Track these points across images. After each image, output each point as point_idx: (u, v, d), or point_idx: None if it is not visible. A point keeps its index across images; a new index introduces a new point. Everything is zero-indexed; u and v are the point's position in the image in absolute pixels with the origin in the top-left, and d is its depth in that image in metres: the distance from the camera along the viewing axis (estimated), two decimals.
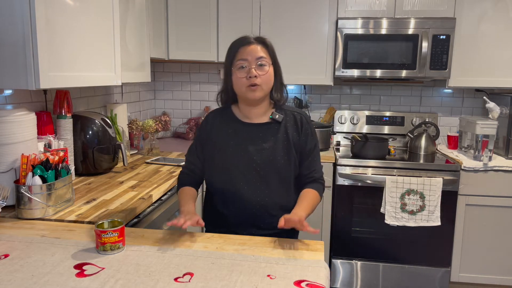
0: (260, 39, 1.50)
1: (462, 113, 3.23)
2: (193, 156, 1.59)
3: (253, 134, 1.51)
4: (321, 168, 1.61)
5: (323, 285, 1.07)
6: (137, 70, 2.31)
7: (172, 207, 1.96)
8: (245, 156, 1.49)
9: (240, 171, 1.49)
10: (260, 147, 1.50)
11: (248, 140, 1.51)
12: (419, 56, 2.77)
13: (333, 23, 2.89)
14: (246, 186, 1.49)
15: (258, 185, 1.49)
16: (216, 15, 2.99)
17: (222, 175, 1.51)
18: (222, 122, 1.56)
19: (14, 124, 1.55)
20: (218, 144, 1.53)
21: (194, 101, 3.50)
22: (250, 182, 1.49)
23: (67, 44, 1.60)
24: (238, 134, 1.52)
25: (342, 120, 3.23)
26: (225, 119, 1.56)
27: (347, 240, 2.76)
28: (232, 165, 1.50)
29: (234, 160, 1.50)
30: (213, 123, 1.56)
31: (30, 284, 1.03)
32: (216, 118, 1.57)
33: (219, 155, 1.52)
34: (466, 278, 2.76)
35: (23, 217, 1.49)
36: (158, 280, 1.07)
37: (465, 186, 2.66)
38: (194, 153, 1.59)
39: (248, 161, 1.49)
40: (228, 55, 1.50)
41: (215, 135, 1.54)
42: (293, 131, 1.53)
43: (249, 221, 1.50)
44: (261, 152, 1.49)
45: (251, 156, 1.49)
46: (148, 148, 2.63)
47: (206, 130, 1.57)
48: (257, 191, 1.49)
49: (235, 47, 1.48)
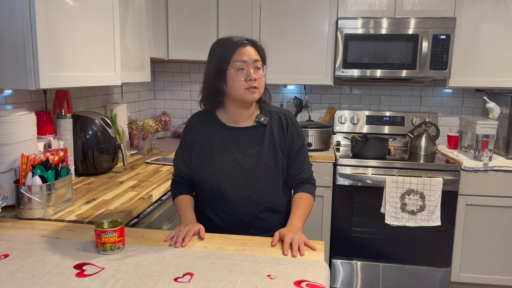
0: (252, 41, 1.46)
1: (462, 113, 3.23)
2: (181, 163, 1.56)
3: (239, 138, 1.49)
4: (311, 167, 1.59)
5: (323, 285, 1.07)
6: (137, 70, 2.31)
7: (172, 207, 1.96)
8: (231, 162, 1.47)
9: (227, 177, 1.47)
10: (246, 152, 1.48)
11: (234, 145, 1.48)
12: (419, 56, 2.76)
13: (333, 23, 2.89)
14: (234, 192, 1.47)
15: (246, 190, 1.47)
16: (216, 15, 2.99)
17: (209, 181, 1.49)
18: (207, 127, 1.51)
19: (14, 124, 1.55)
20: (203, 150, 1.50)
21: (194, 101, 3.50)
22: (238, 188, 1.47)
23: (67, 44, 1.60)
24: (224, 140, 1.49)
25: (342, 120, 3.23)
26: (209, 123, 1.52)
27: (347, 240, 2.76)
28: (219, 171, 1.47)
29: (221, 166, 1.47)
30: (198, 128, 1.52)
31: (30, 284, 1.03)
32: (199, 122, 1.53)
33: (205, 161, 1.49)
34: (466, 278, 2.76)
35: (23, 217, 1.49)
36: (158, 280, 1.06)
37: (465, 186, 2.66)
38: (181, 159, 1.56)
39: (235, 166, 1.47)
40: (221, 55, 1.42)
41: (200, 140, 1.51)
42: (278, 133, 1.50)
43: (239, 226, 1.49)
44: (247, 157, 1.47)
45: (238, 161, 1.47)
46: (148, 148, 2.63)
47: (190, 135, 1.53)
48: (245, 196, 1.47)
49: (231, 47, 1.41)
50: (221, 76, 1.42)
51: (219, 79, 1.43)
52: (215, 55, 1.45)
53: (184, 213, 1.46)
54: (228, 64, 1.41)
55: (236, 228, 1.48)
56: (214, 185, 1.48)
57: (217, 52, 1.44)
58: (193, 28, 2.90)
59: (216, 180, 1.47)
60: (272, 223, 1.53)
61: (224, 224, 1.50)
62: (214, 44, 1.48)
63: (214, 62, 1.44)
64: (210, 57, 1.47)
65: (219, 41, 1.48)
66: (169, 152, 2.74)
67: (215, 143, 1.49)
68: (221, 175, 1.47)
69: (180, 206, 1.51)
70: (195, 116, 1.56)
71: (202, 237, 1.33)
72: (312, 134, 2.87)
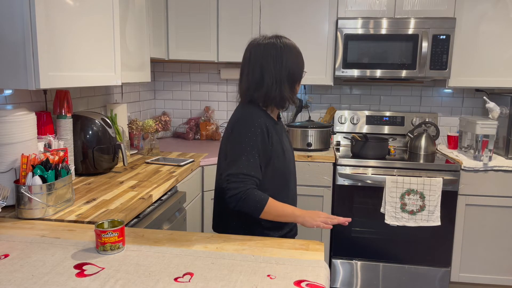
0: None
1: (462, 113, 3.23)
2: (257, 170, 1.43)
3: (281, 133, 1.59)
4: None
5: (323, 285, 1.07)
6: (137, 70, 2.31)
7: (172, 207, 1.96)
8: (290, 156, 1.59)
9: (292, 172, 1.59)
10: (287, 145, 1.60)
11: (283, 140, 1.58)
12: (419, 56, 2.77)
13: (333, 23, 2.89)
14: (292, 186, 1.59)
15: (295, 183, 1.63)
16: (216, 15, 2.99)
17: (279, 180, 1.54)
18: (270, 126, 1.50)
19: (14, 124, 1.55)
20: (278, 151, 1.51)
21: (194, 101, 3.50)
22: (294, 182, 1.61)
23: (67, 44, 1.60)
24: (280, 136, 1.56)
25: (342, 120, 3.23)
26: (270, 122, 1.51)
27: (347, 240, 2.76)
28: (288, 168, 1.56)
29: (289, 162, 1.57)
30: (269, 129, 1.47)
31: (30, 284, 1.03)
32: (267, 123, 1.48)
33: (281, 161, 1.52)
34: (466, 278, 2.76)
35: (23, 217, 1.49)
36: (158, 280, 1.07)
37: (465, 186, 2.66)
38: (259, 167, 1.44)
39: (292, 160, 1.61)
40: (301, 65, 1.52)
41: (276, 142, 1.50)
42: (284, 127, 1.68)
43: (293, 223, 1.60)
44: (290, 149, 1.62)
45: (292, 155, 1.62)
46: (148, 148, 2.63)
47: (271, 139, 1.47)
48: (295, 191, 1.63)
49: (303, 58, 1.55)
50: (295, 83, 1.52)
51: (291, 85, 1.50)
52: (298, 64, 1.51)
53: (295, 208, 1.45)
54: (302, 73, 1.54)
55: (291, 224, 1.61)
56: (284, 184, 1.56)
57: (300, 62, 1.52)
58: (193, 28, 2.90)
59: (288, 177, 1.57)
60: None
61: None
62: (287, 48, 1.48)
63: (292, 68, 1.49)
64: (282, 61, 1.47)
65: (293, 48, 1.50)
66: (169, 152, 2.74)
67: (279, 139, 1.54)
68: (291, 170, 1.58)
69: (283, 206, 1.44)
70: (261, 119, 1.47)
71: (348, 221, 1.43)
72: (312, 134, 2.87)
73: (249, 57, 1.50)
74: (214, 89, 3.46)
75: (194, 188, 2.46)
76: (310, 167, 2.74)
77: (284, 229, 1.57)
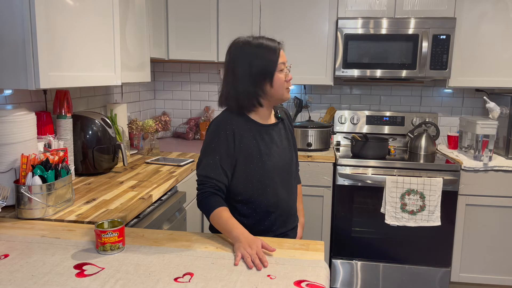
0: (281, 43, 1.52)
1: (462, 113, 3.23)
2: (218, 173, 1.42)
3: (273, 135, 1.52)
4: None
5: (323, 285, 1.07)
6: (137, 70, 2.31)
7: (172, 207, 1.96)
8: (278, 160, 1.51)
9: (278, 176, 1.50)
10: (283, 147, 1.54)
11: (271, 143, 1.50)
12: (419, 56, 2.76)
13: (333, 23, 2.89)
14: (278, 191, 1.49)
15: (289, 186, 1.55)
16: (216, 15, 2.99)
17: (255, 185, 1.46)
18: (246, 129, 1.46)
19: (14, 124, 1.55)
20: (250, 155, 1.45)
21: (194, 101, 3.50)
22: (286, 185, 1.54)
23: (67, 44, 1.60)
24: (265, 139, 1.48)
25: (342, 120, 3.23)
26: (247, 126, 1.47)
27: (347, 240, 2.76)
28: (271, 172, 1.48)
29: (273, 166, 1.48)
30: (239, 133, 1.44)
31: (30, 284, 1.03)
32: (239, 127, 1.45)
33: (254, 165, 1.45)
34: (466, 278, 2.76)
35: (23, 217, 1.49)
36: (158, 280, 1.06)
37: (465, 186, 2.66)
38: (219, 169, 1.42)
39: (279, 162, 1.52)
40: (269, 58, 1.43)
41: (246, 146, 1.44)
42: (288, 127, 1.62)
43: (275, 225, 1.52)
44: (284, 151, 1.55)
45: (282, 158, 1.53)
46: (148, 148, 2.63)
47: (235, 142, 1.43)
48: (290, 191, 1.55)
49: (275, 50, 1.44)
50: (267, 79, 1.43)
51: (263, 81, 1.43)
52: (258, 58, 1.43)
53: (235, 227, 1.32)
54: (276, 67, 1.43)
55: (283, 226, 1.55)
56: (259, 188, 1.47)
57: (261, 55, 1.43)
58: (193, 28, 2.90)
59: (266, 182, 1.47)
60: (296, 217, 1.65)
61: (257, 227, 1.49)
62: (247, 46, 1.44)
63: (257, 65, 1.42)
64: (246, 60, 1.43)
65: (257, 45, 1.44)
66: (169, 152, 2.74)
67: (260, 144, 1.46)
68: (273, 175, 1.48)
69: (227, 220, 1.35)
70: (230, 121, 1.45)
71: (272, 250, 1.24)
72: (312, 134, 2.87)
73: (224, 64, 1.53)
74: (214, 89, 3.46)
75: (194, 188, 2.46)
76: (310, 167, 2.74)
77: (278, 230, 1.53)
